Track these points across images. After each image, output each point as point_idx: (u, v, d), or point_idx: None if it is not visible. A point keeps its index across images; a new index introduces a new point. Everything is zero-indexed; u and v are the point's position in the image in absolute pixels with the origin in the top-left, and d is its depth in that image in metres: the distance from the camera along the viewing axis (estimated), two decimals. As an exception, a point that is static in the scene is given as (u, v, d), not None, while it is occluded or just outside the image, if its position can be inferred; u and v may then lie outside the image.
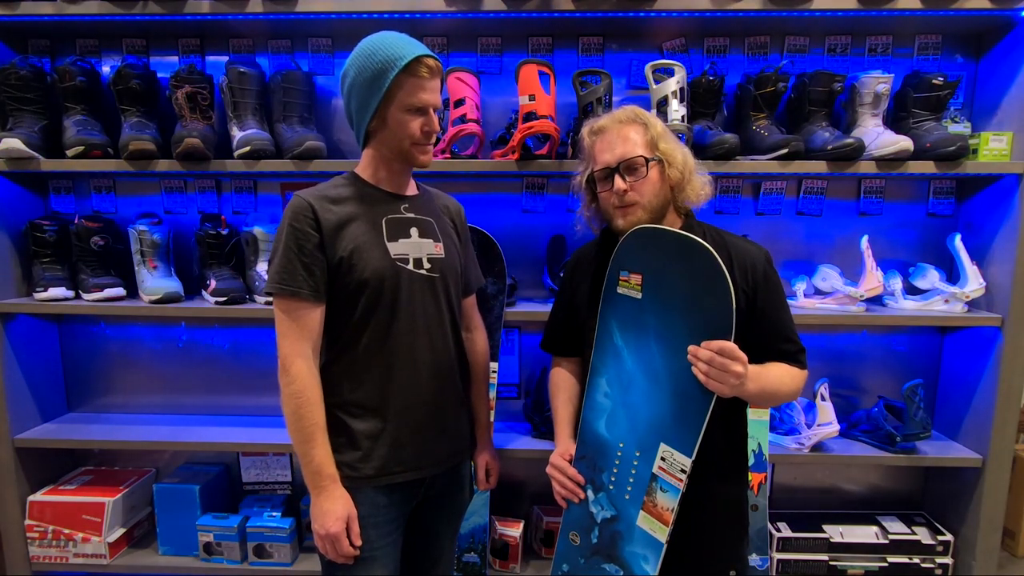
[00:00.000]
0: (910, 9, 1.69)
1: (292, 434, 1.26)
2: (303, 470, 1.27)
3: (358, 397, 1.31)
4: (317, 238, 1.24)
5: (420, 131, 1.27)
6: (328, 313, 1.29)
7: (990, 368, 1.84)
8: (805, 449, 1.91)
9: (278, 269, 1.24)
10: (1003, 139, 1.76)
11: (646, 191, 1.26)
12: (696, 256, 1.17)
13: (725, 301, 1.13)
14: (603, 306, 1.33)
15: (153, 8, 1.75)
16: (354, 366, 1.31)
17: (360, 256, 1.26)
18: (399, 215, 1.35)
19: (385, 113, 1.26)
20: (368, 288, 1.27)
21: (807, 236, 2.06)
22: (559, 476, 1.36)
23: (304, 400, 1.24)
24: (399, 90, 1.23)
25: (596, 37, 1.98)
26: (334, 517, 1.24)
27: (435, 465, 1.38)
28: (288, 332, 1.25)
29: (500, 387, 2.05)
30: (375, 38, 1.26)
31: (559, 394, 1.48)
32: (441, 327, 1.37)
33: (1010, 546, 2.07)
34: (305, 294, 1.24)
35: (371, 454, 1.30)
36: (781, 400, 1.34)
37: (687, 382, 1.17)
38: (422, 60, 1.23)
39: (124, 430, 2.04)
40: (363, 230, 1.28)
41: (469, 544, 1.93)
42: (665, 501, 1.22)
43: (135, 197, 2.11)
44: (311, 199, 1.26)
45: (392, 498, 1.33)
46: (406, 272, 1.30)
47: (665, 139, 1.28)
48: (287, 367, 1.24)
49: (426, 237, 1.36)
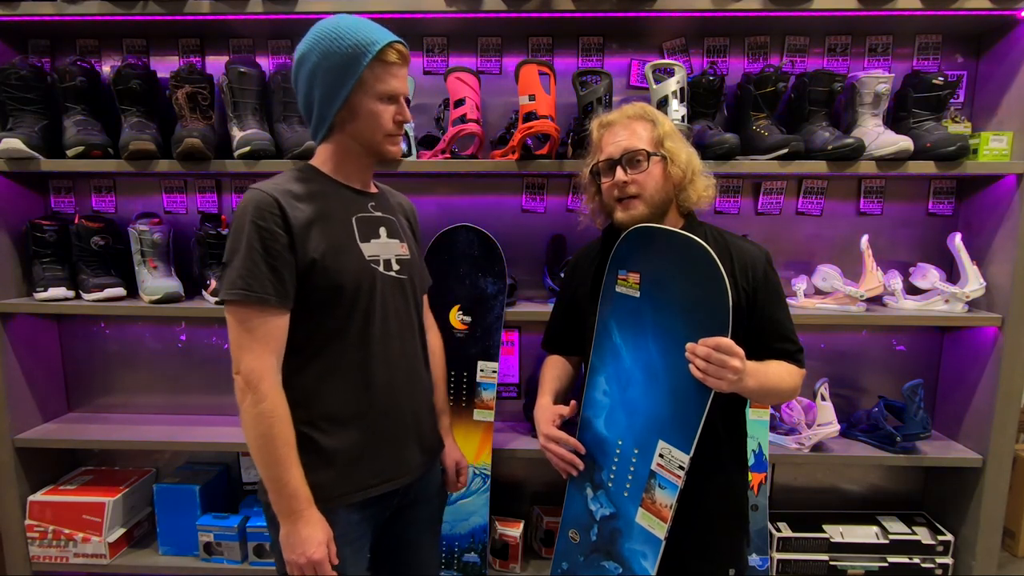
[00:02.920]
0: (910, 9, 1.69)
1: (262, 458, 1.13)
2: (273, 497, 1.15)
3: (330, 410, 1.20)
4: (286, 238, 1.13)
5: (393, 120, 1.21)
6: (292, 320, 1.17)
7: (990, 368, 1.84)
8: (805, 449, 1.91)
9: (241, 273, 1.10)
10: (1003, 139, 1.76)
11: (647, 185, 1.27)
12: (694, 255, 1.17)
13: (722, 299, 1.13)
14: (602, 304, 1.33)
15: (153, 8, 1.75)
16: (325, 377, 1.20)
17: (335, 259, 1.17)
18: (368, 214, 1.27)
19: (355, 102, 1.17)
20: (344, 293, 1.18)
21: (807, 236, 2.06)
22: (554, 447, 1.31)
23: (276, 419, 1.12)
24: (371, 77, 1.16)
25: (596, 37, 1.98)
26: (315, 543, 1.14)
27: (410, 473, 1.31)
28: (251, 345, 1.12)
29: (500, 387, 2.05)
30: (338, 21, 1.17)
31: (548, 371, 1.48)
32: (411, 330, 1.31)
33: (1010, 546, 2.07)
34: (274, 301, 1.12)
35: (345, 471, 1.21)
36: (781, 398, 1.34)
37: (685, 379, 1.17)
38: (394, 46, 1.17)
39: (124, 430, 2.05)
40: (334, 230, 1.19)
41: (469, 544, 1.93)
42: (663, 498, 1.22)
43: (135, 197, 2.11)
44: (275, 194, 1.14)
45: (365, 512, 1.25)
46: (379, 275, 1.23)
47: (672, 139, 1.29)
48: (254, 385, 1.11)
49: (393, 237, 1.30)
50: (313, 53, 1.17)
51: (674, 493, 1.20)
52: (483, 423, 1.87)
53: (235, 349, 1.13)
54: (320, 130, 1.23)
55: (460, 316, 1.85)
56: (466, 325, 1.85)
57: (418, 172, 1.92)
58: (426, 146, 1.91)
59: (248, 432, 1.13)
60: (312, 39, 1.17)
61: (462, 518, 1.91)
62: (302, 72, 1.19)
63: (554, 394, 1.42)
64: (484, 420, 1.87)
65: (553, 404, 1.38)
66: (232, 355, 1.14)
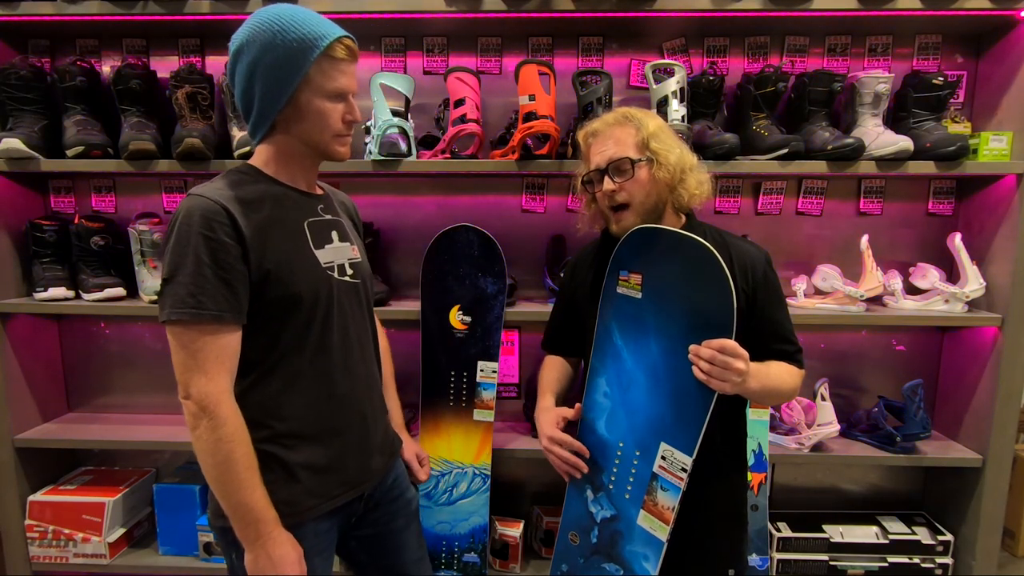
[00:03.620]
0: (910, 9, 1.69)
1: (222, 485, 1.06)
2: (237, 524, 1.08)
3: (291, 425, 1.14)
4: (238, 249, 1.05)
5: (342, 120, 1.15)
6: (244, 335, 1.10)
7: (990, 368, 1.84)
8: (805, 449, 1.91)
9: (190, 290, 1.02)
10: (1003, 139, 1.76)
11: (635, 192, 1.27)
12: (696, 255, 1.17)
13: (726, 300, 1.13)
14: (602, 306, 1.33)
15: (153, 8, 1.75)
16: (285, 391, 1.14)
17: (290, 268, 1.11)
18: (319, 217, 1.21)
19: (301, 100, 1.10)
20: (302, 303, 1.12)
21: (807, 236, 2.06)
22: (557, 449, 1.31)
23: (237, 443, 1.05)
24: (319, 74, 1.09)
25: (596, 37, 1.98)
26: (290, 562, 1.09)
27: (373, 477, 1.29)
28: (204, 366, 1.04)
29: (500, 387, 2.05)
30: (280, 11, 1.09)
31: (548, 373, 1.48)
32: (366, 334, 1.28)
33: (1010, 546, 2.07)
34: (229, 317, 1.04)
35: (311, 485, 1.16)
36: (781, 399, 1.35)
37: (688, 381, 1.17)
38: (342, 41, 1.11)
39: (124, 430, 2.04)
40: (287, 237, 1.13)
41: (469, 544, 1.93)
42: (666, 500, 1.22)
43: (135, 197, 2.11)
44: (223, 201, 1.05)
45: (332, 520, 1.23)
46: (335, 281, 1.18)
47: (658, 138, 1.27)
48: (211, 409, 1.04)
49: (344, 241, 1.24)
50: (253, 46, 1.08)
51: (676, 495, 1.20)
52: (483, 423, 1.87)
53: (183, 372, 1.05)
54: (260, 128, 1.15)
55: (460, 316, 1.85)
56: (466, 325, 1.85)
57: (418, 172, 1.91)
58: (426, 146, 1.92)
59: (205, 459, 1.06)
60: (251, 30, 1.09)
61: (462, 518, 1.91)
62: (239, 65, 1.11)
63: (555, 396, 1.42)
64: (484, 420, 1.87)
65: (555, 406, 1.38)
66: (179, 379, 1.06)
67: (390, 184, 2.08)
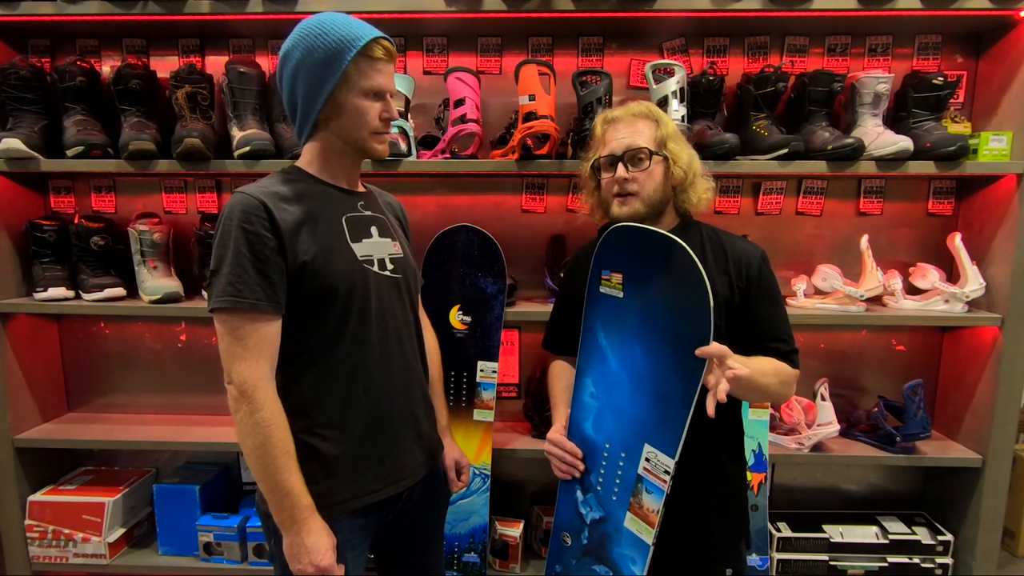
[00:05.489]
0: (910, 9, 1.69)
1: (260, 468, 1.10)
2: (274, 507, 1.12)
3: (330, 417, 1.18)
4: (275, 241, 1.10)
5: (380, 118, 1.19)
6: (284, 327, 1.14)
7: (990, 368, 1.84)
8: (805, 449, 1.91)
9: (230, 280, 1.08)
10: (1003, 139, 1.76)
11: (647, 184, 1.27)
12: (673, 254, 1.15)
13: (703, 300, 1.11)
14: (587, 305, 1.33)
15: (153, 8, 1.75)
16: (324, 383, 1.18)
17: (326, 260, 1.15)
18: (358, 213, 1.25)
19: (340, 98, 1.15)
20: (338, 294, 1.15)
21: (807, 236, 2.06)
22: (557, 451, 1.34)
23: (274, 428, 1.09)
24: (356, 73, 1.14)
25: (596, 37, 1.98)
26: (322, 551, 1.12)
27: (413, 475, 1.29)
28: (244, 353, 1.09)
29: (500, 387, 2.05)
30: (322, 18, 1.15)
31: (557, 383, 1.48)
32: (408, 330, 1.29)
33: (1010, 546, 2.07)
34: (265, 307, 1.09)
35: (347, 478, 1.19)
36: (767, 395, 1.30)
37: (669, 383, 1.16)
38: (380, 42, 1.15)
39: (124, 430, 2.04)
40: (324, 231, 1.17)
41: (469, 544, 1.93)
42: (650, 503, 1.20)
43: (135, 197, 2.11)
44: (261, 197, 1.11)
45: (368, 518, 1.24)
46: (373, 275, 1.21)
47: (675, 140, 1.30)
48: (250, 394, 1.08)
49: (385, 236, 1.28)
50: (296, 50, 1.15)
51: (660, 498, 1.18)
52: (483, 423, 1.87)
53: (226, 358, 1.11)
54: (304, 128, 1.20)
55: (460, 316, 1.85)
56: (466, 325, 1.85)
57: (418, 172, 1.91)
58: (426, 146, 1.91)
59: (245, 442, 1.10)
60: (296, 36, 1.16)
61: (462, 518, 1.91)
62: (286, 70, 1.17)
63: (568, 403, 1.42)
64: (484, 420, 1.87)
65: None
66: (224, 364, 1.11)
67: (390, 184, 2.06)
